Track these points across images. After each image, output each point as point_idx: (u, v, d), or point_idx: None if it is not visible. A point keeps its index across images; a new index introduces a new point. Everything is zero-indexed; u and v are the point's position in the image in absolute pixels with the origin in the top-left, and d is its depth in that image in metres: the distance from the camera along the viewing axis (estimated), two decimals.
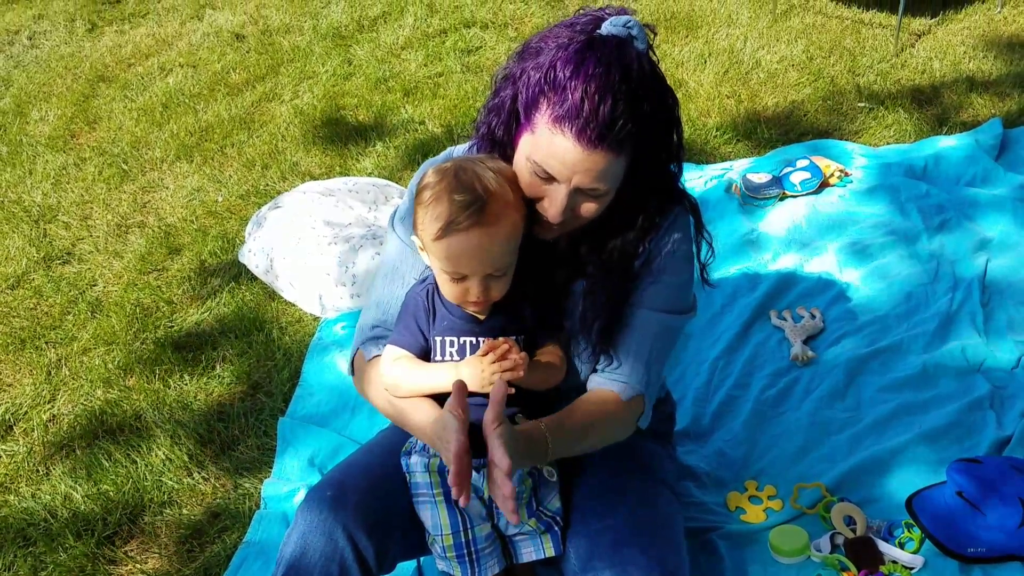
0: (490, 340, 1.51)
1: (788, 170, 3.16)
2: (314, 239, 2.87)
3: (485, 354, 1.48)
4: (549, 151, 1.41)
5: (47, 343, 2.83)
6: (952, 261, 2.76)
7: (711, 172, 3.29)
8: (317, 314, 2.83)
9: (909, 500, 2.03)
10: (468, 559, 1.58)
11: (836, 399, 2.35)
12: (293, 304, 2.89)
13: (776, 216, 3.05)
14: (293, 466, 2.31)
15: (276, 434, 2.40)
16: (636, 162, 1.45)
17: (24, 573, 2.12)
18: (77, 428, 2.50)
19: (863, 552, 1.91)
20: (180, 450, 2.38)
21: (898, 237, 2.87)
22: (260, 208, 3.16)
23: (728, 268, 2.84)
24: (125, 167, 3.71)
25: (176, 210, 3.41)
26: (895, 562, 1.91)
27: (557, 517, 1.63)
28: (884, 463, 2.14)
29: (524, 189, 1.48)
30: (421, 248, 1.54)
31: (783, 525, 2.01)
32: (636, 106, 1.38)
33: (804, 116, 3.61)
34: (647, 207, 1.55)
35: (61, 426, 2.52)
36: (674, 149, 1.51)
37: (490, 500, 1.59)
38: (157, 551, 2.15)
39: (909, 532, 1.97)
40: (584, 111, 1.35)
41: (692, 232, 1.63)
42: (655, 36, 1.46)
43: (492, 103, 1.53)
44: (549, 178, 1.44)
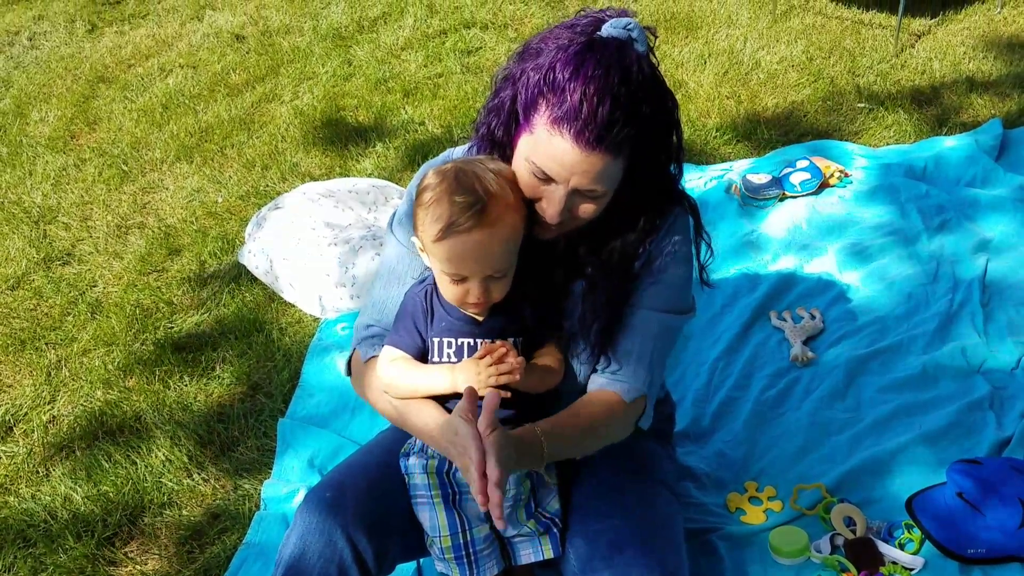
0: (487, 343, 1.51)
1: (788, 171, 3.16)
2: (314, 240, 2.87)
3: (482, 357, 1.48)
4: (547, 152, 1.41)
5: (47, 344, 2.83)
6: (952, 262, 2.76)
7: (711, 173, 3.29)
8: (317, 315, 2.83)
9: (909, 501, 2.03)
10: (467, 560, 1.57)
11: (836, 400, 2.35)
12: (293, 305, 2.89)
13: (776, 217, 3.04)
14: (293, 467, 2.31)
15: (276, 435, 2.40)
16: (635, 164, 1.45)
17: (24, 574, 2.12)
18: (77, 429, 2.50)
19: (863, 553, 1.91)
20: (180, 451, 2.38)
21: (898, 238, 2.87)
22: (260, 209, 3.16)
23: (728, 269, 2.84)
24: (125, 168, 3.71)
25: (176, 211, 3.41)
26: (895, 563, 1.91)
27: (556, 518, 1.63)
28: (884, 464, 2.14)
29: (523, 190, 1.48)
30: (421, 249, 1.54)
31: (783, 526, 2.01)
32: (635, 108, 1.38)
33: (804, 117, 3.61)
34: (647, 208, 1.55)
35: (61, 427, 2.53)
36: (674, 151, 1.51)
37: None
38: (157, 552, 2.15)
39: (909, 533, 1.96)
40: (583, 113, 1.35)
41: (692, 233, 1.63)
42: (656, 38, 1.45)
43: (492, 104, 1.53)
44: (547, 179, 1.44)
